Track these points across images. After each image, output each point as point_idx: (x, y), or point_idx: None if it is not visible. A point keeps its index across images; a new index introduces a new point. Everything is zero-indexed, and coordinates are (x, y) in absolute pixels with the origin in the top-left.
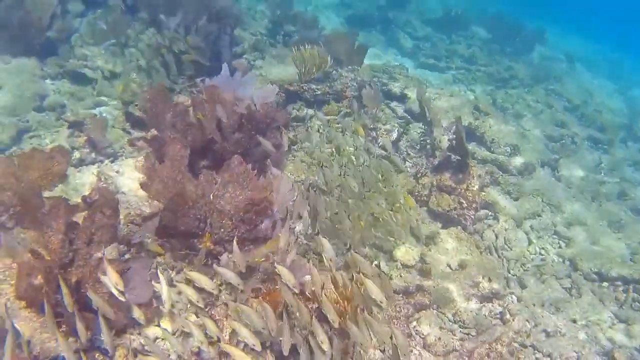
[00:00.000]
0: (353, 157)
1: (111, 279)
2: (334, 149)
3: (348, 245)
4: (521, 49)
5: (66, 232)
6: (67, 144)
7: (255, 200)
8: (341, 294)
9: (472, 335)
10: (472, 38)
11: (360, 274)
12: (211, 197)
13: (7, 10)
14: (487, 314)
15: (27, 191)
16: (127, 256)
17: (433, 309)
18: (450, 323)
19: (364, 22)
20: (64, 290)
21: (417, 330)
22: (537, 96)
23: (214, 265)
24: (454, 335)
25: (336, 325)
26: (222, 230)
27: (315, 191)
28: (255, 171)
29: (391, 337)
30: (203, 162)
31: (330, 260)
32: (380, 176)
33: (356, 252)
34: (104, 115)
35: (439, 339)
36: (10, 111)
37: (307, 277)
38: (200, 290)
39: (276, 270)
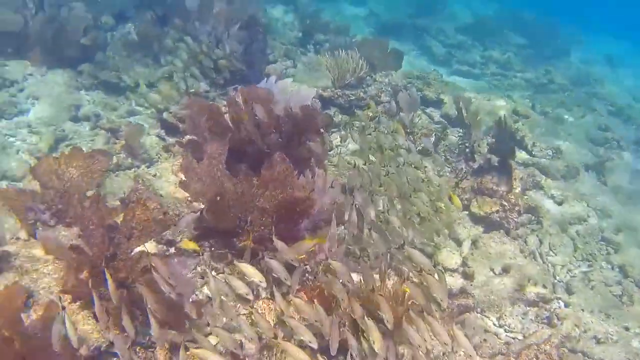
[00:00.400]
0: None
1: (162, 274)
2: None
3: (401, 243)
4: (557, 53)
5: (106, 226)
6: (104, 148)
7: (296, 199)
8: (390, 292)
9: (518, 339)
10: (507, 44)
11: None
12: (251, 195)
13: (42, 24)
14: (533, 318)
15: (68, 190)
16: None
17: (477, 312)
18: (495, 327)
19: (395, 30)
20: (111, 285)
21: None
22: (578, 100)
23: (265, 258)
24: (500, 338)
25: (391, 327)
26: (263, 228)
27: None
28: (296, 171)
29: (452, 339)
30: (241, 164)
31: (380, 257)
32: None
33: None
34: (139, 122)
35: (485, 340)
36: (48, 121)
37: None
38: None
39: (330, 265)
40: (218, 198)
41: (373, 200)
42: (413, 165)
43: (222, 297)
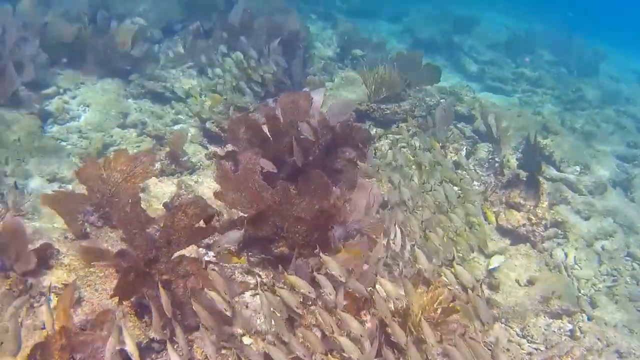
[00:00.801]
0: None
1: (218, 287)
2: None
3: (444, 259)
4: (588, 70)
5: (149, 230)
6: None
7: (330, 210)
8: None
9: (541, 350)
10: (538, 60)
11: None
12: (288, 205)
13: (94, 35)
14: (556, 330)
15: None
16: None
17: (501, 323)
18: (519, 337)
19: (429, 47)
20: (163, 296)
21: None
22: (608, 117)
23: (315, 273)
24: (522, 349)
25: (434, 351)
26: (298, 235)
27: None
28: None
29: None
30: (279, 173)
31: (428, 272)
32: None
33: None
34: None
35: (507, 349)
36: (97, 127)
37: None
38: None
39: (378, 282)
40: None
41: (413, 217)
42: (449, 181)
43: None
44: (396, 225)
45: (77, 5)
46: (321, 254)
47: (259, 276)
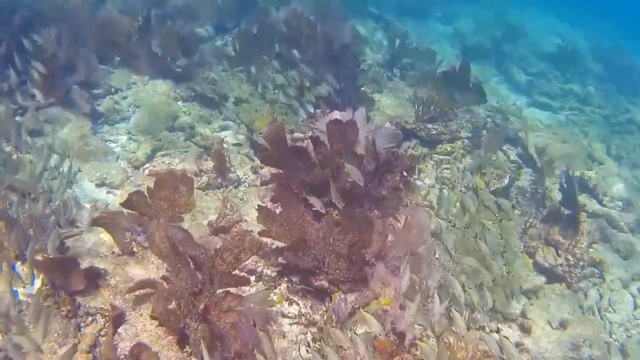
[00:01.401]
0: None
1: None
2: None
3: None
4: (638, 88)
5: (195, 264)
6: (196, 165)
7: (370, 245)
8: None
9: None
10: (588, 76)
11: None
12: (331, 239)
13: (146, 33)
14: None
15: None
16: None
17: None
18: None
19: (478, 54)
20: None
21: None
22: None
23: (361, 310)
24: None
25: None
26: (338, 271)
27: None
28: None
29: None
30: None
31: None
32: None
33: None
34: (228, 139)
35: None
36: (145, 130)
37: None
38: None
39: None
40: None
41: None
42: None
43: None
44: (435, 292)
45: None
46: (362, 311)
47: (298, 305)
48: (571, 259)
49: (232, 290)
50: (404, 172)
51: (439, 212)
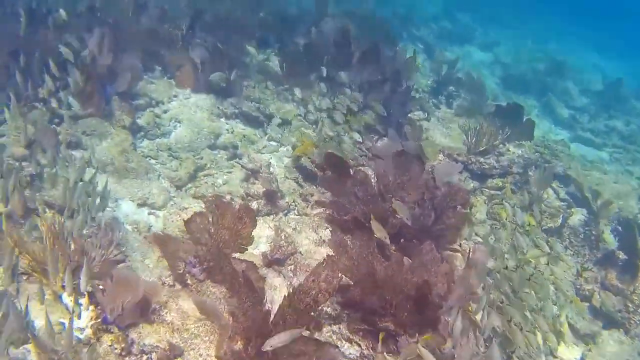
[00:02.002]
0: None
1: None
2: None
3: None
4: None
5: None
6: (242, 189)
7: (437, 287)
8: None
9: None
10: (632, 114)
11: None
12: (400, 279)
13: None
14: None
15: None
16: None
17: None
18: None
19: (519, 84)
20: None
21: None
22: None
23: (418, 345)
24: None
25: None
26: (405, 315)
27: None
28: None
29: None
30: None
31: None
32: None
33: None
34: (273, 161)
35: None
36: (187, 146)
37: None
38: None
39: None
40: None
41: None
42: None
43: None
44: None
45: (175, 9)
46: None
47: (360, 346)
48: (630, 305)
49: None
50: (463, 206)
51: (492, 251)
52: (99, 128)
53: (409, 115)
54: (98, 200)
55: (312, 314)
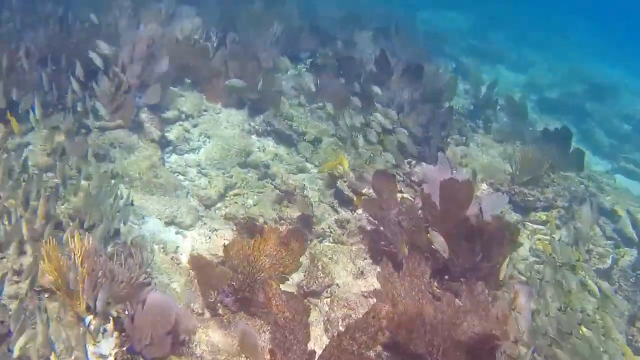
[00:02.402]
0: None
1: None
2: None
3: None
4: None
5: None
6: (273, 210)
7: (491, 336)
8: None
9: None
10: None
11: None
12: (449, 324)
13: (223, 59)
14: None
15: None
16: None
17: None
18: None
19: (556, 109)
20: None
21: None
22: None
23: None
24: None
25: None
26: None
27: None
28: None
29: None
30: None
31: None
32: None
33: None
34: (305, 183)
35: None
36: (217, 163)
37: None
38: None
39: None
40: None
41: None
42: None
43: None
44: None
45: (209, 22)
46: None
47: None
48: None
49: None
50: (511, 243)
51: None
52: (127, 140)
53: (448, 139)
54: (119, 211)
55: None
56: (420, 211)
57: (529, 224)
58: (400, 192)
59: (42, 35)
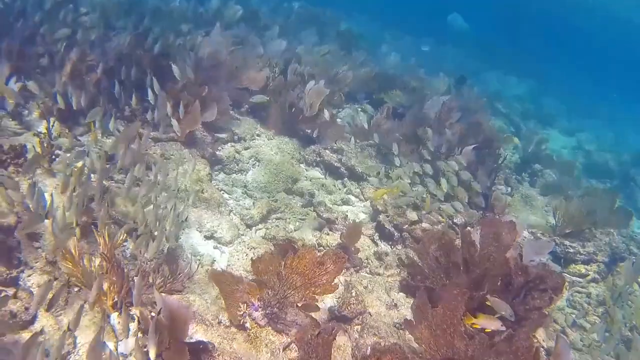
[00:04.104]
0: None
1: None
2: None
3: None
4: None
5: None
6: (314, 237)
7: None
8: None
9: None
10: None
11: None
12: None
13: (280, 89)
14: None
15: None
16: None
17: None
18: None
19: (602, 173)
20: None
21: None
22: None
23: None
24: None
25: None
26: None
27: None
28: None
29: None
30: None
31: None
32: None
33: None
34: (348, 215)
35: None
36: (263, 187)
37: None
38: None
39: None
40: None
41: None
42: None
43: None
44: None
45: (271, 51)
46: None
47: None
48: None
49: None
50: (554, 292)
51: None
52: (179, 154)
53: (492, 188)
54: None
55: None
56: (459, 249)
57: (568, 275)
58: None
59: (115, 46)
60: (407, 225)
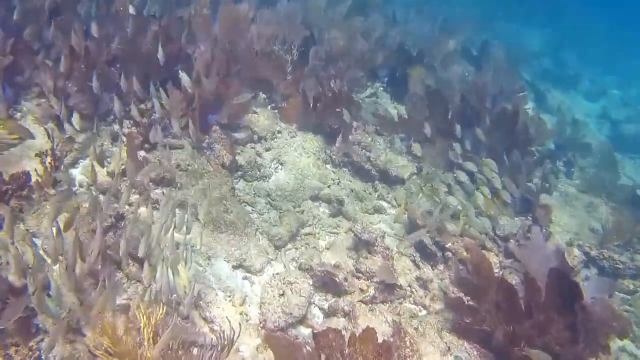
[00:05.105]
0: None
1: None
2: None
3: None
4: None
5: None
6: (349, 258)
7: None
8: None
9: None
10: None
11: None
12: None
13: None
14: None
15: None
16: None
17: None
18: None
19: (632, 146)
20: None
21: None
22: None
23: None
24: None
25: None
26: None
27: None
28: None
29: None
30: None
31: None
32: None
33: None
34: (382, 227)
35: None
36: (288, 195)
37: None
38: None
39: None
40: None
41: None
42: None
43: None
44: None
45: (293, 34)
46: None
47: None
48: None
49: None
50: (618, 336)
51: None
52: (195, 163)
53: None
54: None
55: None
56: (521, 296)
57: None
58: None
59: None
60: (450, 244)
